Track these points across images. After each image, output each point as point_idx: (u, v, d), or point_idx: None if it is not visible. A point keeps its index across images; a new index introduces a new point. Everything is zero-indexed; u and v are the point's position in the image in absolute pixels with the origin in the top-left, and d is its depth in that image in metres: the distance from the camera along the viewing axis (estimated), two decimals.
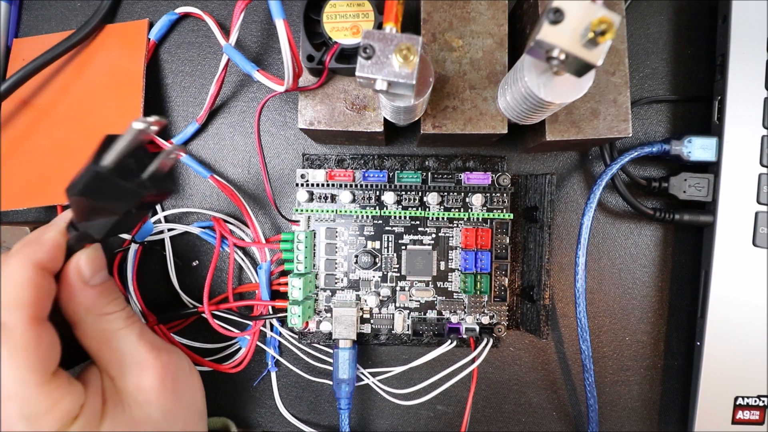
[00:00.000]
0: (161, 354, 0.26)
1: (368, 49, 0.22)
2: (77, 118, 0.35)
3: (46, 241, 0.23)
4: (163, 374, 0.25)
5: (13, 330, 0.21)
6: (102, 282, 0.25)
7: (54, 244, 0.23)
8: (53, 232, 0.24)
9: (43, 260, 0.23)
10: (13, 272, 0.22)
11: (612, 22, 0.20)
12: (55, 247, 0.23)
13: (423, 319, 0.35)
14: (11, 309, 0.21)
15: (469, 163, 0.36)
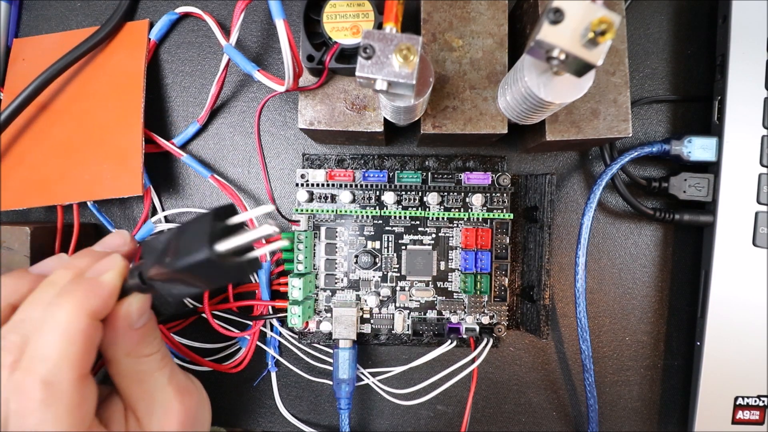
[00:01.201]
0: (185, 398, 0.25)
1: (368, 49, 0.22)
2: (78, 117, 0.35)
3: (105, 287, 0.22)
4: (185, 419, 0.25)
5: (60, 391, 0.19)
6: (145, 323, 0.23)
7: (113, 290, 0.22)
8: (113, 278, 0.22)
9: (98, 309, 0.21)
10: (67, 322, 0.20)
11: (612, 22, 0.20)
12: (113, 294, 0.22)
13: (423, 319, 0.35)
14: (62, 366, 0.19)
15: (469, 163, 0.36)
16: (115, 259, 0.23)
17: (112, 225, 0.37)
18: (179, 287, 0.21)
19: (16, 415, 0.19)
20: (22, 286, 0.23)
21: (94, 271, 0.23)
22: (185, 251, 0.19)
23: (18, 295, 0.23)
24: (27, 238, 0.32)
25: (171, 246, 0.20)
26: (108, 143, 0.34)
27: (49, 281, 0.22)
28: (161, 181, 0.37)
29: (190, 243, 0.19)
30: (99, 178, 0.34)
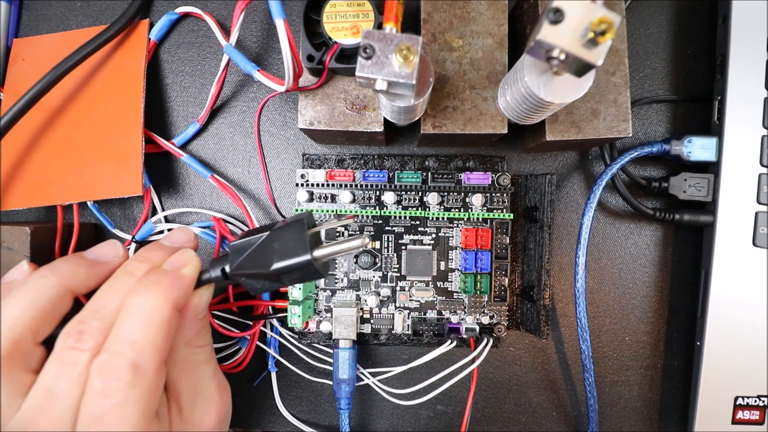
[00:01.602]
0: (224, 393, 0.26)
1: (368, 49, 0.22)
2: (78, 117, 0.35)
3: (186, 280, 0.23)
4: (222, 412, 0.26)
5: (146, 374, 0.20)
6: (205, 315, 0.25)
7: (192, 283, 0.23)
8: (193, 271, 0.24)
9: (180, 301, 0.23)
10: (153, 311, 0.21)
11: (612, 22, 0.20)
12: (192, 287, 0.23)
13: (423, 319, 0.35)
14: (149, 352, 0.21)
15: (469, 163, 0.36)
16: (191, 254, 0.25)
17: (112, 225, 0.37)
18: (263, 283, 0.24)
19: (98, 394, 0.20)
20: (79, 272, 0.24)
21: (172, 264, 0.24)
22: (285, 254, 0.23)
23: (77, 281, 0.23)
24: (27, 238, 0.32)
25: (264, 249, 0.23)
26: (108, 143, 0.34)
27: (125, 271, 0.23)
28: (161, 181, 0.37)
29: (289, 247, 0.23)
30: (99, 178, 0.34)
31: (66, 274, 0.23)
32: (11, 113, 0.31)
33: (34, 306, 0.21)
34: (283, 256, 0.22)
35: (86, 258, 0.25)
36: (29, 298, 0.22)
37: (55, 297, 0.22)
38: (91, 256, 0.25)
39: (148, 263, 0.24)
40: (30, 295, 0.22)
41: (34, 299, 0.22)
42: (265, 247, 0.23)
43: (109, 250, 0.25)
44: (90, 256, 0.25)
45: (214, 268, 0.24)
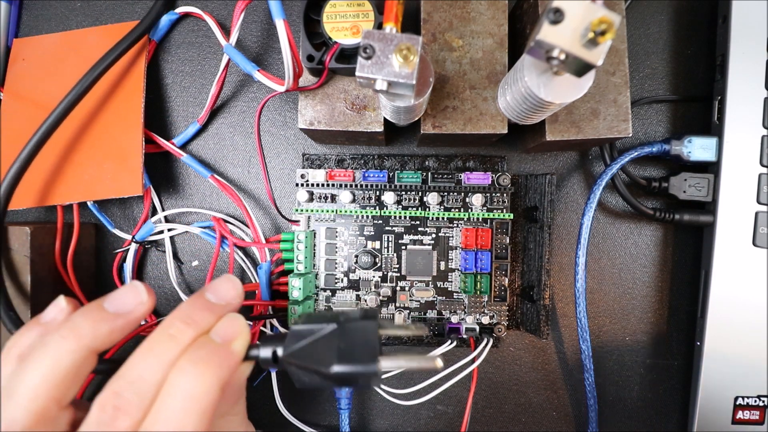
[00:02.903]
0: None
1: (368, 49, 0.22)
2: (77, 118, 0.35)
3: (237, 357, 0.21)
4: None
5: None
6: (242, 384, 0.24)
7: (241, 358, 0.21)
8: (244, 344, 0.21)
9: (228, 380, 0.20)
10: (201, 394, 0.19)
11: (612, 22, 0.20)
12: (240, 362, 0.21)
13: (423, 319, 0.35)
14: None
15: (469, 163, 0.36)
16: (242, 323, 0.22)
17: (112, 225, 0.37)
18: (313, 378, 0.21)
19: None
20: (101, 329, 0.21)
21: (222, 336, 0.21)
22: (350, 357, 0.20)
23: (99, 339, 0.21)
24: (27, 238, 0.32)
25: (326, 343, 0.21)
26: (108, 143, 0.34)
27: (168, 334, 0.21)
28: (161, 181, 0.37)
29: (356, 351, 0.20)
30: (99, 178, 0.34)
31: (87, 333, 0.21)
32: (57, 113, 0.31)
33: (56, 373, 0.19)
34: (348, 359, 0.20)
35: (107, 310, 0.22)
36: (49, 364, 0.20)
37: (78, 361, 0.20)
38: (112, 307, 0.22)
39: (194, 328, 0.21)
40: (50, 361, 0.20)
41: (55, 366, 0.20)
42: (328, 341, 0.21)
43: (131, 298, 0.22)
44: (111, 308, 0.22)
45: (265, 346, 0.22)
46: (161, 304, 0.38)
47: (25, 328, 0.22)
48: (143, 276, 0.38)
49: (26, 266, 0.32)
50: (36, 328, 0.22)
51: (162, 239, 0.37)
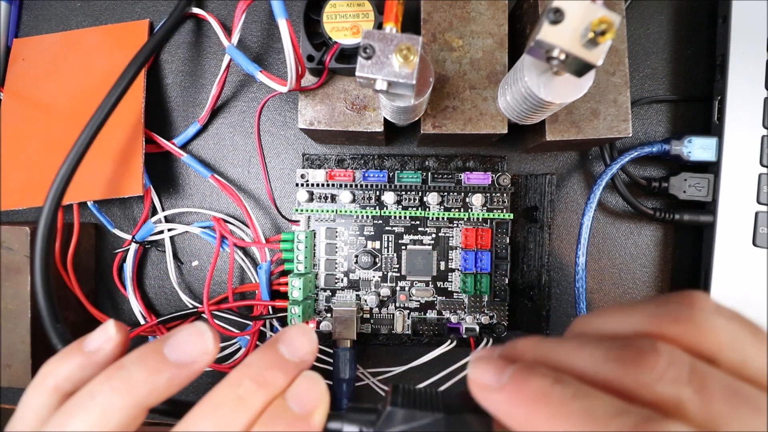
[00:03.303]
0: None
1: (368, 49, 0.22)
2: (78, 117, 0.35)
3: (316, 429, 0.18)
4: None
5: None
6: None
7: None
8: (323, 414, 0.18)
9: None
10: None
11: (612, 22, 0.20)
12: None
13: (423, 319, 0.35)
14: None
15: (469, 163, 0.36)
16: (322, 389, 0.18)
17: (112, 225, 0.37)
18: None
19: None
20: (158, 382, 0.18)
21: (302, 406, 0.18)
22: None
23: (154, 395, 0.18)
24: (27, 238, 0.32)
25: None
26: (108, 143, 0.34)
27: (235, 395, 0.17)
28: (161, 181, 0.37)
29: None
30: (99, 178, 0.34)
31: (142, 388, 0.18)
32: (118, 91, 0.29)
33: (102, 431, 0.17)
34: None
35: (168, 360, 0.18)
36: (96, 421, 0.17)
37: (128, 419, 0.18)
38: (173, 356, 0.19)
39: (267, 391, 0.18)
40: (97, 417, 0.17)
41: (102, 423, 0.17)
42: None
43: (196, 346, 0.19)
44: (173, 357, 0.19)
45: (350, 422, 0.18)
46: (161, 304, 0.38)
47: (64, 354, 0.19)
48: (143, 276, 0.38)
49: (26, 266, 0.32)
50: (77, 357, 0.19)
51: (162, 239, 0.37)
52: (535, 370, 0.15)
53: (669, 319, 0.15)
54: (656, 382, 0.14)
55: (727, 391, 0.14)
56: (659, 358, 0.14)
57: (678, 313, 0.15)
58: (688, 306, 0.15)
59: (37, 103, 0.35)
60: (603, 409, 0.14)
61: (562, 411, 0.14)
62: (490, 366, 0.16)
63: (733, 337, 0.15)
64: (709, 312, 0.15)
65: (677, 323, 0.15)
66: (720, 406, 0.13)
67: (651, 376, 0.14)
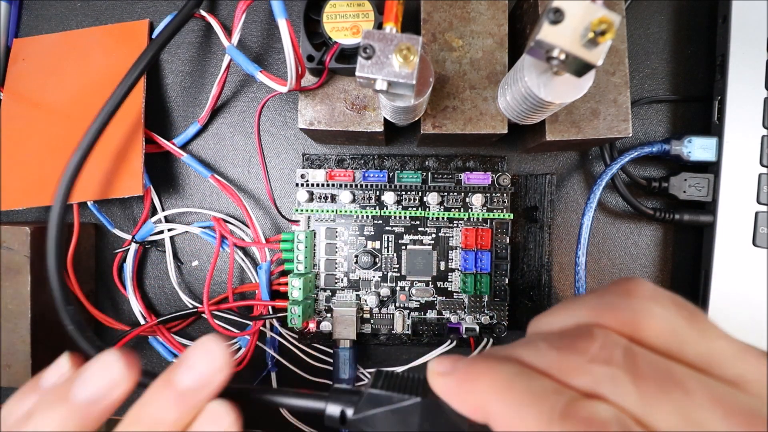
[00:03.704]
0: None
1: (368, 49, 0.22)
2: (78, 117, 0.35)
3: None
4: None
5: None
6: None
7: None
8: None
9: None
10: None
11: (612, 22, 0.20)
12: None
13: (423, 319, 0.35)
14: None
15: (469, 163, 0.36)
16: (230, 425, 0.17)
17: (112, 225, 0.37)
18: None
19: None
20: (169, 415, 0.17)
21: None
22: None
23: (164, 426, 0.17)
24: (27, 238, 0.32)
25: (406, 416, 0.17)
26: (108, 143, 0.34)
27: None
28: (161, 181, 0.37)
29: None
30: (99, 178, 0.34)
31: (154, 422, 0.17)
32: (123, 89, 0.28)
33: None
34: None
35: (178, 389, 0.17)
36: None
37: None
38: (185, 382, 0.17)
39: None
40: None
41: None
42: (407, 417, 0.17)
43: (209, 366, 0.17)
44: (185, 383, 0.17)
45: (333, 402, 0.19)
46: (161, 304, 0.38)
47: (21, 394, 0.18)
48: (143, 276, 0.38)
49: (26, 266, 0.32)
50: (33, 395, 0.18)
51: (162, 239, 0.37)
52: (485, 356, 0.16)
53: (607, 309, 0.16)
54: (588, 363, 0.14)
55: (660, 374, 0.14)
56: (593, 342, 0.15)
57: (616, 303, 0.16)
58: (625, 295, 0.16)
59: (37, 103, 0.35)
60: (540, 388, 0.14)
61: (504, 386, 0.15)
62: (448, 358, 0.17)
63: (669, 323, 0.15)
64: (646, 299, 0.15)
65: (615, 312, 0.15)
66: (651, 387, 0.14)
67: (584, 358, 0.14)
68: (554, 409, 0.14)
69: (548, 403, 0.14)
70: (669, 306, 0.15)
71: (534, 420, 0.14)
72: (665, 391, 0.14)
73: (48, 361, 0.19)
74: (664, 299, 0.15)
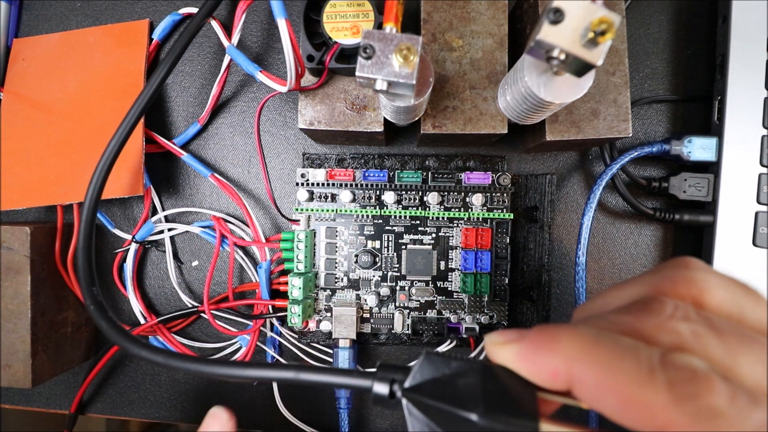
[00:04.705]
0: None
1: (368, 49, 0.22)
2: (77, 117, 0.35)
3: None
4: None
5: None
6: None
7: None
8: None
9: None
10: None
11: (612, 22, 0.20)
12: None
13: (423, 318, 0.35)
14: None
15: (470, 163, 0.36)
16: None
17: (112, 225, 0.37)
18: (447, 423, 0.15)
19: None
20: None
21: None
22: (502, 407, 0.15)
23: None
24: (27, 238, 0.32)
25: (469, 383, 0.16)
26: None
27: None
28: (161, 181, 0.37)
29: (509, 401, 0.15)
30: None
31: None
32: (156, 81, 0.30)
33: None
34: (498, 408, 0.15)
35: None
36: None
37: None
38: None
39: None
40: None
41: None
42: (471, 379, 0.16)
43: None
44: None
45: (381, 380, 0.17)
46: (161, 304, 0.38)
47: None
48: (143, 276, 0.38)
49: (26, 266, 0.32)
50: None
51: (162, 239, 0.37)
52: (554, 325, 0.16)
53: (667, 281, 0.16)
54: (668, 321, 0.14)
55: (737, 331, 0.14)
56: (665, 304, 0.15)
57: (674, 275, 0.16)
58: (684, 267, 0.16)
59: (37, 103, 0.35)
60: (629, 344, 0.14)
61: (591, 344, 0.14)
62: (510, 330, 0.17)
63: (729, 292, 0.16)
64: (704, 271, 0.16)
65: (675, 284, 0.16)
66: (733, 341, 0.14)
67: (662, 317, 0.14)
68: (652, 360, 0.13)
69: (643, 356, 0.13)
70: (726, 278, 0.16)
71: (633, 372, 0.13)
72: (746, 344, 0.14)
73: (48, 361, 0.19)
74: (719, 272, 0.16)
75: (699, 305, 0.15)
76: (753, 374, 0.14)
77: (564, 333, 0.15)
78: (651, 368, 0.13)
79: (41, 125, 0.35)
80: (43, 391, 0.39)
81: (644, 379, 0.13)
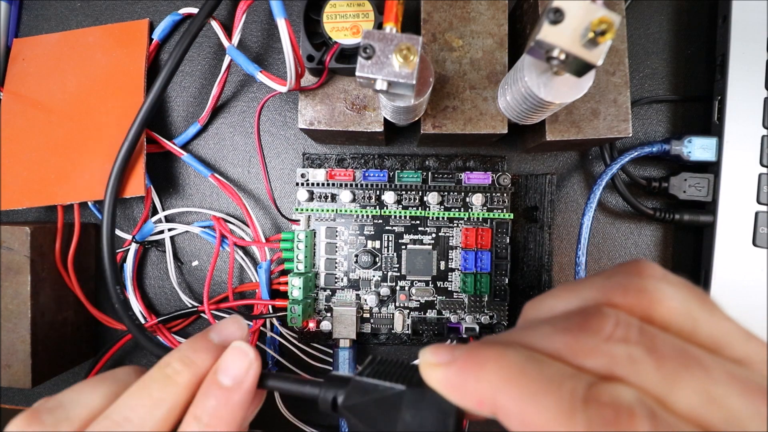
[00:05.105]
0: None
1: (368, 49, 0.22)
2: (77, 117, 0.35)
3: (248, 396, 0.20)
4: None
5: None
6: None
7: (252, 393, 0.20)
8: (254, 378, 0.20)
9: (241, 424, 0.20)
10: None
11: (612, 22, 0.20)
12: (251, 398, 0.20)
13: (423, 318, 0.35)
14: None
15: (470, 163, 0.36)
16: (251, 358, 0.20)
17: None
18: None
19: None
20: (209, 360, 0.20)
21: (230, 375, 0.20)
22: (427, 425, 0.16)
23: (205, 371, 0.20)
24: (27, 238, 0.32)
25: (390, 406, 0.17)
26: (108, 143, 0.34)
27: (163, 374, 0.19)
28: (161, 181, 0.37)
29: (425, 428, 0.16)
30: (99, 178, 0.34)
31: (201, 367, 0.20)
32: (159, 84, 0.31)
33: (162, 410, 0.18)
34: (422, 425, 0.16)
35: (214, 342, 0.21)
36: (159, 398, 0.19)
37: (186, 399, 0.19)
38: (218, 338, 0.21)
39: (193, 370, 0.20)
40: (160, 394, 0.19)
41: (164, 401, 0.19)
42: (391, 406, 0.17)
43: (236, 330, 0.22)
44: (217, 339, 0.21)
45: (327, 389, 0.20)
46: (161, 304, 0.38)
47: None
48: (143, 276, 0.38)
49: (26, 266, 0.32)
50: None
51: (162, 239, 0.37)
52: (487, 343, 0.15)
53: (617, 289, 0.15)
54: (604, 343, 0.14)
55: (678, 353, 0.13)
56: (605, 320, 0.14)
57: (626, 283, 0.15)
58: (636, 275, 0.15)
59: (37, 103, 0.35)
60: (555, 372, 0.13)
61: (515, 373, 0.14)
62: (443, 347, 0.16)
63: (682, 304, 0.14)
64: (658, 279, 0.15)
65: (626, 292, 0.15)
66: (672, 366, 0.13)
67: (598, 339, 0.14)
68: (574, 396, 0.13)
69: (566, 389, 0.13)
70: (681, 287, 0.15)
71: (553, 409, 0.13)
72: (687, 369, 0.13)
73: (48, 361, 0.20)
74: (674, 280, 0.15)
75: (647, 318, 0.14)
76: (688, 404, 0.13)
77: (491, 359, 0.14)
78: (572, 406, 0.13)
79: (41, 125, 0.35)
80: (43, 391, 0.39)
81: (563, 418, 0.13)
